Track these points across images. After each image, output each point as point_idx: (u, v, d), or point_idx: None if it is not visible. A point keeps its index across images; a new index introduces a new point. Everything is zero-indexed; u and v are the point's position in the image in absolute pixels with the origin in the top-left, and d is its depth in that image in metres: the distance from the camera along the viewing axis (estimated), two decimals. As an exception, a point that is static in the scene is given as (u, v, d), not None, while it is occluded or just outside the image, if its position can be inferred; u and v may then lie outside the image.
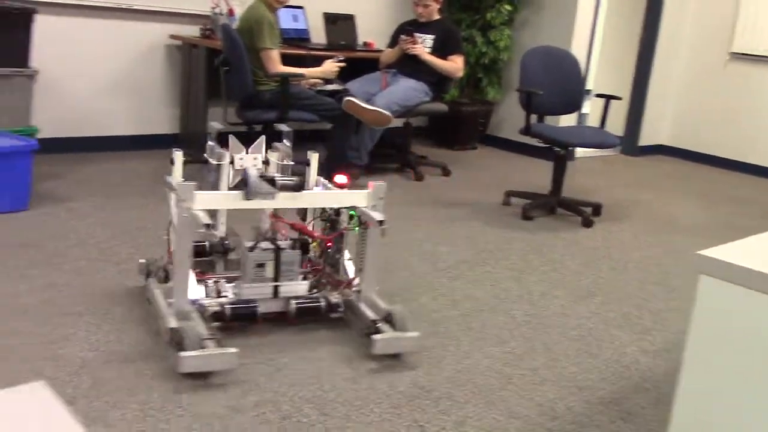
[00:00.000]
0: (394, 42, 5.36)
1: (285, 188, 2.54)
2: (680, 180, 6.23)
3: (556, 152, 4.57)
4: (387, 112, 4.42)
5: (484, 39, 6.37)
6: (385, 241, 3.77)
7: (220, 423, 2.05)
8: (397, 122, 5.38)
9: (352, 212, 2.68)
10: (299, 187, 2.57)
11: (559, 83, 4.68)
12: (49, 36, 4.63)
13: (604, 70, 7.45)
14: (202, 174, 2.92)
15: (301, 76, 4.45)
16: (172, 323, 2.37)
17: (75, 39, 4.83)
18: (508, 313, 3.03)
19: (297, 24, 5.55)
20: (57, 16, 4.69)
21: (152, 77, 5.27)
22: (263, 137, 2.85)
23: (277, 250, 2.64)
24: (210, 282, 2.67)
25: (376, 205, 2.65)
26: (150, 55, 5.21)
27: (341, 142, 4.60)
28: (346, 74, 4.83)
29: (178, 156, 2.69)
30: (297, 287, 2.70)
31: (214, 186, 2.81)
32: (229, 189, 2.70)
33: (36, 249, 3.21)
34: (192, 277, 2.54)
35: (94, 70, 4.98)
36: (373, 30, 6.18)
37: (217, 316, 2.53)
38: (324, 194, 2.71)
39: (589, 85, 6.78)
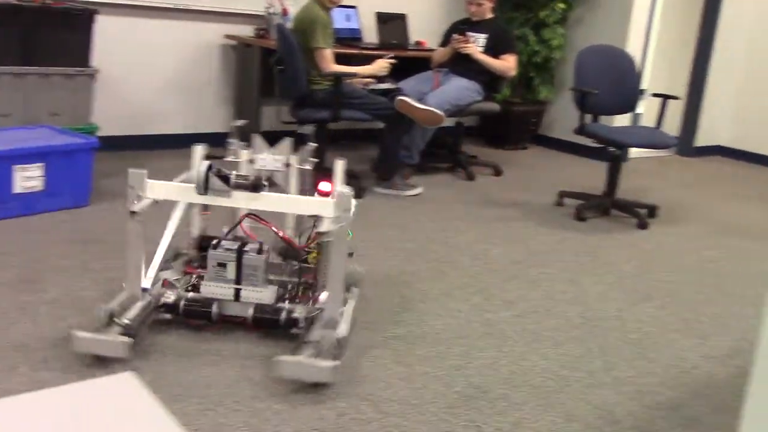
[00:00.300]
0: (446, 41, 5.35)
1: (239, 187, 2.38)
2: (739, 182, 6.09)
3: (611, 152, 4.51)
4: (440, 112, 4.41)
5: (536, 38, 6.31)
6: (438, 241, 3.78)
7: (277, 417, 2.07)
8: (449, 122, 5.37)
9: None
10: (254, 186, 2.38)
11: (614, 82, 4.61)
12: (109, 36, 4.73)
13: (659, 68, 7.32)
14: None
15: (354, 75, 4.47)
16: (110, 304, 2.37)
17: (133, 39, 4.93)
18: (564, 315, 3.00)
19: (349, 23, 5.57)
20: (116, 17, 4.79)
21: (207, 76, 5.34)
22: (288, 139, 2.75)
23: (240, 251, 2.52)
24: (193, 277, 2.67)
25: (341, 217, 2.37)
26: (205, 55, 5.29)
27: (393, 141, 4.60)
28: (397, 73, 4.83)
29: (197, 150, 2.67)
30: (261, 294, 2.53)
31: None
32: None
33: (98, 244, 3.28)
34: (155, 265, 2.51)
35: (152, 69, 5.07)
36: (425, 29, 6.17)
37: (170, 308, 2.49)
38: (281, 199, 2.48)
39: (644, 84, 6.67)
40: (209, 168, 2.38)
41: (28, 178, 3.51)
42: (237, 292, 2.53)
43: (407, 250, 3.61)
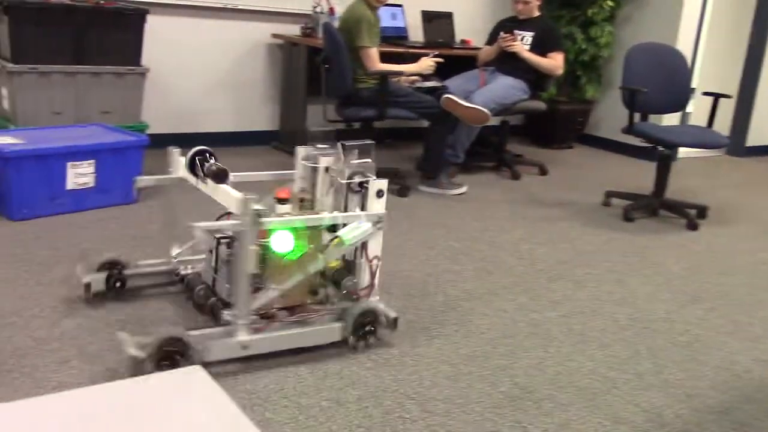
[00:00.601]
0: (492, 39, 5.32)
1: (208, 174, 2.43)
2: (791, 182, 5.95)
3: (660, 152, 4.44)
4: (485, 110, 4.39)
5: (584, 36, 6.24)
6: (483, 241, 3.76)
7: (323, 415, 2.08)
8: (494, 120, 5.34)
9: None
10: (215, 176, 2.39)
11: (664, 81, 4.54)
12: (158, 35, 4.81)
13: (709, 66, 7.18)
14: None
15: (400, 73, 4.47)
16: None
17: (182, 38, 5.00)
18: (611, 316, 2.96)
19: (395, 22, 5.58)
20: (166, 16, 4.87)
21: (254, 75, 5.40)
22: (340, 144, 2.65)
23: (218, 240, 2.46)
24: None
25: (244, 222, 2.21)
26: (252, 54, 5.34)
27: (439, 140, 4.58)
28: (443, 72, 4.82)
29: (300, 150, 2.70)
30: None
31: None
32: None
33: (146, 240, 3.34)
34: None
35: (200, 68, 5.14)
36: (470, 27, 6.15)
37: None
38: (216, 189, 2.42)
39: (694, 82, 6.55)
40: (197, 153, 2.51)
41: (80, 175, 3.59)
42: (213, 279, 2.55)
43: (452, 249, 3.60)
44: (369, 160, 2.59)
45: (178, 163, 2.66)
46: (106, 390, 2.09)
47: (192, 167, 2.53)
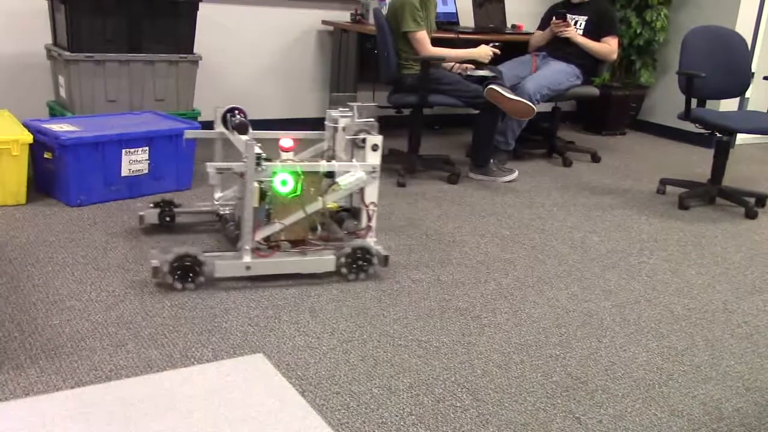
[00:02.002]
0: (544, 24, 5.23)
1: (233, 127, 3.05)
2: None
3: (718, 138, 4.32)
4: (531, 104, 4.28)
5: (639, 19, 6.10)
6: (534, 228, 3.72)
7: (374, 402, 2.08)
8: (546, 107, 5.27)
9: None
10: (239, 128, 3.00)
11: (723, 65, 4.41)
12: (210, 23, 4.85)
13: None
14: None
15: (442, 59, 4.40)
16: None
17: (233, 25, 5.04)
18: (667, 307, 2.90)
19: (446, 7, 5.52)
20: (217, 4, 4.90)
21: (304, 62, 5.41)
22: (356, 106, 3.09)
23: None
24: None
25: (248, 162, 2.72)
26: (303, 41, 5.35)
27: (487, 128, 4.52)
28: (494, 57, 4.75)
29: (218, 110, 3.24)
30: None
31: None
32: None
33: (202, 225, 3.37)
34: None
35: (250, 55, 5.17)
36: (522, 12, 6.07)
37: None
38: (240, 140, 2.96)
39: (754, 67, 6.36)
40: (229, 110, 3.13)
41: (134, 162, 3.64)
42: None
43: (503, 237, 3.57)
44: (372, 119, 3.07)
45: (218, 119, 3.23)
46: (171, 376, 2.14)
47: (224, 122, 3.15)
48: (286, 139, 2.90)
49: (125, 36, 4.13)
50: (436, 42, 4.56)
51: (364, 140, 2.94)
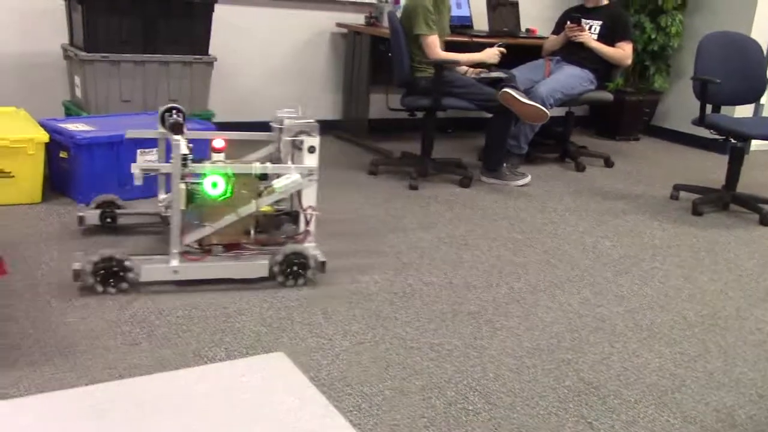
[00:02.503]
0: (559, 29, 5.23)
1: (167, 126, 2.88)
2: None
3: (733, 145, 4.30)
4: (544, 109, 4.27)
5: (653, 25, 6.09)
6: (546, 233, 3.71)
7: (387, 404, 2.08)
8: (559, 111, 5.26)
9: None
10: (172, 127, 2.76)
11: (738, 71, 4.40)
12: (224, 24, 4.87)
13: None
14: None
15: (456, 62, 4.40)
16: None
17: (247, 27, 5.05)
18: (680, 313, 2.89)
19: (460, 11, 5.52)
20: (232, 6, 4.92)
21: (318, 64, 5.42)
22: (299, 105, 3.14)
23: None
24: None
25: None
26: (316, 43, 5.37)
27: (500, 131, 4.52)
28: (508, 61, 4.76)
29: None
30: None
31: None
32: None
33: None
34: None
35: (264, 57, 5.19)
36: (536, 16, 6.06)
37: None
38: (177, 140, 2.73)
39: (768, 73, 6.34)
40: (167, 110, 3.00)
41: (148, 161, 3.66)
42: None
43: (515, 241, 3.56)
44: (312, 120, 2.95)
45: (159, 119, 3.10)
46: (193, 373, 2.16)
47: (162, 121, 3.03)
48: (218, 139, 2.86)
49: (141, 37, 4.16)
50: (449, 45, 4.56)
51: (302, 142, 2.87)
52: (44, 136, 3.45)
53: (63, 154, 3.54)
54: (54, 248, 2.98)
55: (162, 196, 3.22)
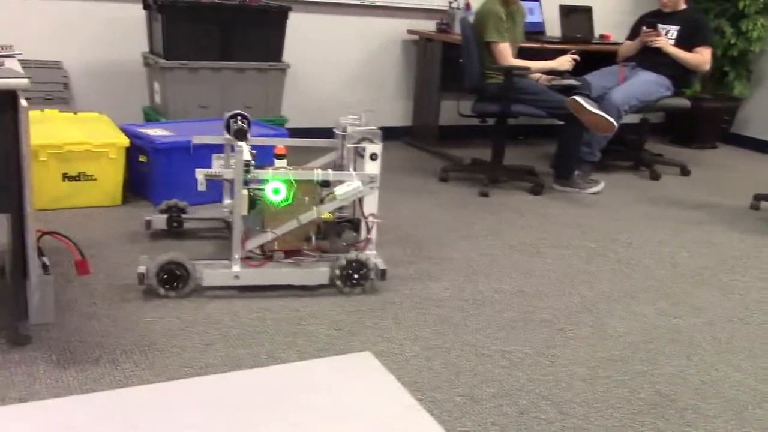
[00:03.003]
0: (634, 34, 5.13)
1: (232, 133, 2.88)
2: None
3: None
4: (611, 120, 4.17)
5: (733, 29, 5.92)
6: (620, 242, 3.64)
7: (457, 410, 2.08)
8: (633, 118, 5.16)
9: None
10: (236, 134, 2.79)
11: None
12: (297, 31, 4.95)
13: None
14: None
15: (526, 69, 4.36)
16: None
17: (319, 34, 5.12)
18: (761, 326, 2.80)
19: (532, 17, 5.48)
20: (305, 13, 4.99)
21: (388, 71, 5.46)
22: (363, 112, 3.06)
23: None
24: None
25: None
26: (388, 50, 5.40)
27: (571, 139, 4.45)
28: (580, 68, 4.69)
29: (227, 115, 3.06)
30: None
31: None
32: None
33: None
34: None
35: (336, 63, 5.25)
36: (610, 22, 5.96)
37: None
38: (241, 146, 2.72)
39: None
40: (233, 116, 2.99)
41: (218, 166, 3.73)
42: None
43: (588, 250, 3.51)
44: (375, 127, 2.92)
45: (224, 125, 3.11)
46: (285, 370, 2.22)
47: (228, 128, 3.02)
48: (282, 147, 2.90)
49: (218, 44, 4.26)
50: (522, 52, 4.53)
51: (365, 149, 2.86)
52: (125, 141, 3.57)
53: (142, 158, 3.65)
54: (133, 249, 3.07)
55: (227, 201, 3.25)
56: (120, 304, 2.57)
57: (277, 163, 2.86)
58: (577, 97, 4.16)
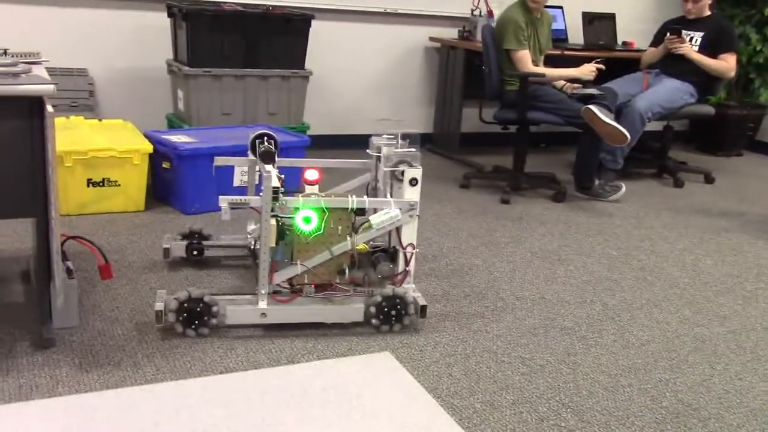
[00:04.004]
0: (657, 41, 5.10)
1: (258, 155, 2.62)
2: None
3: None
4: (625, 132, 4.12)
5: (759, 36, 5.86)
6: (643, 250, 3.61)
7: (477, 417, 2.07)
8: (657, 125, 5.13)
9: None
10: (263, 156, 2.55)
11: None
12: (320, 39, 4.97)
13: None
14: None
15: (542, 76, 4.34)
16: None
17: (342, 42, 5.14)
18: (786, 335, 2.76)
19: (555, 24, 5.45)
20: (327, 21, 5.02)
21: (411, 78, 5.47)
22: (399, 133, 2.80)
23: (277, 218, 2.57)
24: None
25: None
26: (410, 57, 5.41)
27: (589, 149, 4.41)
28: (603, 75, 4.67)
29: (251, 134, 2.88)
30: None
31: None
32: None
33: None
34: None
35: (358, 71, 5.27)
36: (633, 29, 5.94)
37: None
38: (268, 170, 2.49)
39: None
40: (258, 136, 2.77)
41: (246, 173, 3.76)
42: None
43: (610, 257, 3.48)
44: (414, 149, 2.68)
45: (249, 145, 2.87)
46: (305, 368, 2.23)
47: (253, 149, 2.79)
48: (312, 170, 2.67)
49: (242, 52, 4.29)
50: (546, 59, 4.52)
51: (403, 173, 2.62)
52: (148, 147, 3.60)
53: (166, 165, 3.68)
54: (157, 254, 3.10)
55: (251, 227, 3.04)
56: (143, 308, 2.59)
57: (308, 189, 2.65)
58: (592, 107, 4.13)
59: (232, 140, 3.78)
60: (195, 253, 3.01)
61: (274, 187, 2.41)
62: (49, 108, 2.03)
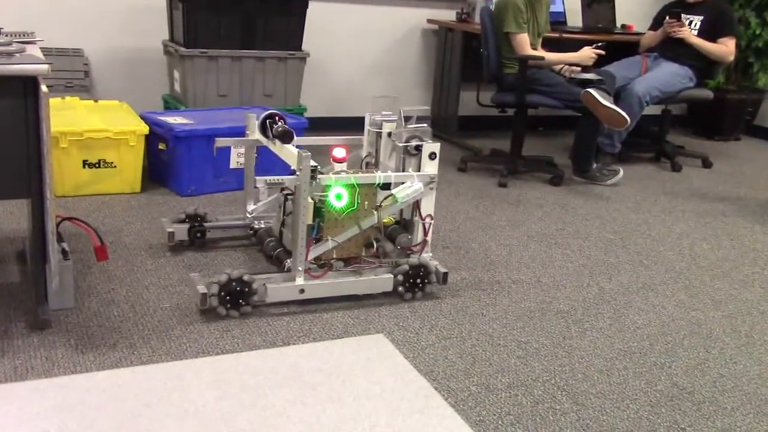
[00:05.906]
0: (657, 24, 5.08)
1: (275, 135, 2.68)
2: None
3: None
4: (625, 114, 4.11)
5: (758, 20, 5.83)
6: (640, 233, 3.61)
7: (472, 399, 2.07)
8: (655, 109, 5.12)
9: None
10: (281, 136, 2.64)
11: None
12: (317, 21, 4.94)
13: None
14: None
15: (540, 59, 4.31)
16: None
17: (339, 24, 5.11)
18: (782, 320, 2.77)
19: (554, 7, 5.42)
20: (325, 2, 4.99)
21: (408, 60, 5.44)
22: (401, 110, 2.85)
23: (285, 197, 2.77)
24: None
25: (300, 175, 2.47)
26: (407, 39, 5.39)
27: (588, 131, 4.40)
28: (601, 58, 4.64)
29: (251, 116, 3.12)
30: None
31: None
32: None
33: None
34: None
35: (356, 53, 5.24)
36: (632, 12, 5.91)
37: None
38: (283, 148, 2.65)
39: None
40: (268, 116, 2.79)
41: (242, 155, 3.75)
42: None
43: (607, 241, 3.48)
44: (425, 125, 2.78)
45: (254, 126, 2.92)
46: (299, 350, 2.23)
47: (263, 129, 2.82)
48: (339, 149, 2.70)
49: (238, 33, 4.27)
50: (545, 42, 4.50)
51: (417, 147, 2.71)
52: (144, 129, 3.58)
53: (162, 146, 3.67)
54: (153, 236, 3.09)
55: (251, 207, 3.04)
56: (138, 290, 2.59)
57: (337, 167, 2.68)
58: (591, 90, 4.11)
59: (229, 122, 3.76)
60: (198, 235, 3.00)
61: (312, 166, 2.45)
62: (44, 88, 2.02)
